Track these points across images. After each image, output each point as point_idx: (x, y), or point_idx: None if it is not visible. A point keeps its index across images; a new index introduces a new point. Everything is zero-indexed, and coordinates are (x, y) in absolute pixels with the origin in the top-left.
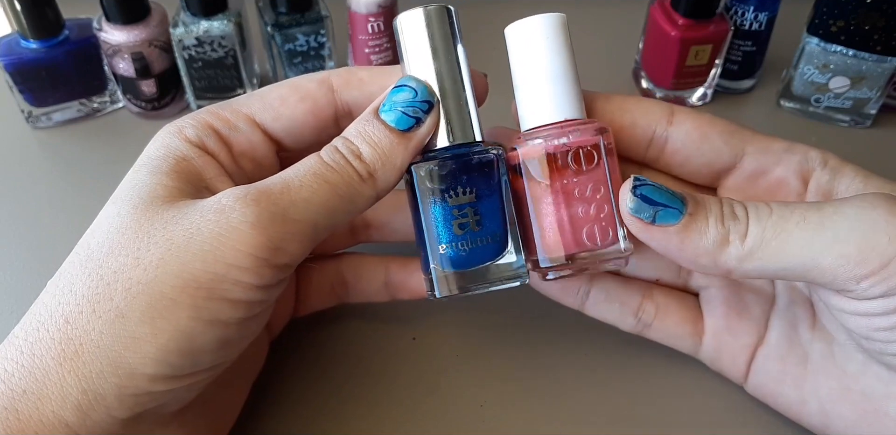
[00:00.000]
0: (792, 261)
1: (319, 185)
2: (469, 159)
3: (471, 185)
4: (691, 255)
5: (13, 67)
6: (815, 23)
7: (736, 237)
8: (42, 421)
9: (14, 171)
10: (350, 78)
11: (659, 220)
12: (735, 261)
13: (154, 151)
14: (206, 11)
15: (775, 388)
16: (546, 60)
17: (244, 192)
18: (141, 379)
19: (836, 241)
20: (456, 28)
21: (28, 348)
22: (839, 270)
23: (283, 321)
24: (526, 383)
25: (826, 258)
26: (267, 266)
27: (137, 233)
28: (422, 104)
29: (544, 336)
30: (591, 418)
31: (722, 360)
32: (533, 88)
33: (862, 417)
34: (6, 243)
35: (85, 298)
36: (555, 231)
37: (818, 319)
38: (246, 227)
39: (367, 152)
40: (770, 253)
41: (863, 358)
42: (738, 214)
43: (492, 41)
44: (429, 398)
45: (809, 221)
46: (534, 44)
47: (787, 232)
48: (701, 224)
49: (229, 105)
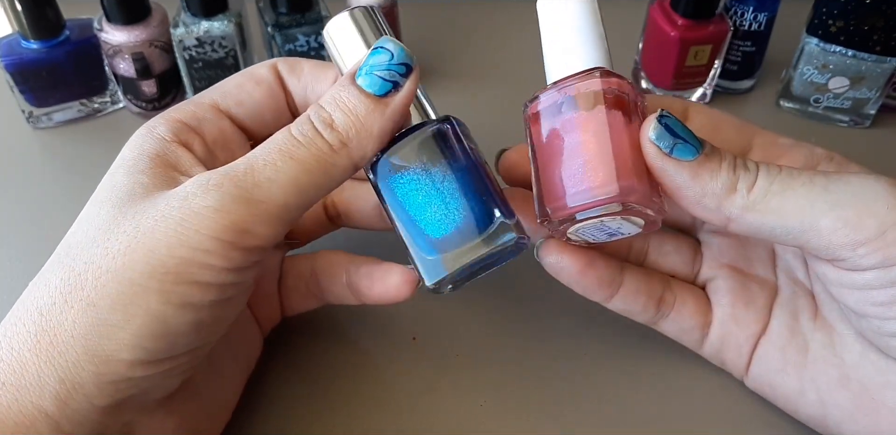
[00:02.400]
0: (791, 219)
1: (285, 162)
2: (423, 136)
3: (428, 161)
4: (698, 193)
5: (14, 68)
6: (815, 23)
7: (744, 186)
8: (21, 411)
9: (14, 171)
10: (294, 66)
11: (676, 152)
12: (738, 209)
13: (128, 153)
14: (207, 12)
15: (775, 378)
16: (581, 18)
17: (207, 177)
18: (118, 365)
19: (837, 205)
20: (382, 24)
21: (6, 343)
22: (835, 234)
23: (272, 322)
24: (526, 383)
25: (824, 220)
26: (234, 249)
27: (110, 225)
28: (399, 67)
29: (544, 336)
30: (591, 418)
31: (726, 350)
32: (566, 43)
33: (859, 407)
34: (6, 243)
35: (57, 289)
36: (609, 160)
37: (820, 309)
38: (208, 212)
39: (341, 120)
40: (772, 207)
41: (861, 348)
42: (750, 167)
43: (493, 41)
44: (429, 398)
45: (815, 183)
46: (568, 5)
47: (792, 189)
48: (714, 165)
49: (191, 99)
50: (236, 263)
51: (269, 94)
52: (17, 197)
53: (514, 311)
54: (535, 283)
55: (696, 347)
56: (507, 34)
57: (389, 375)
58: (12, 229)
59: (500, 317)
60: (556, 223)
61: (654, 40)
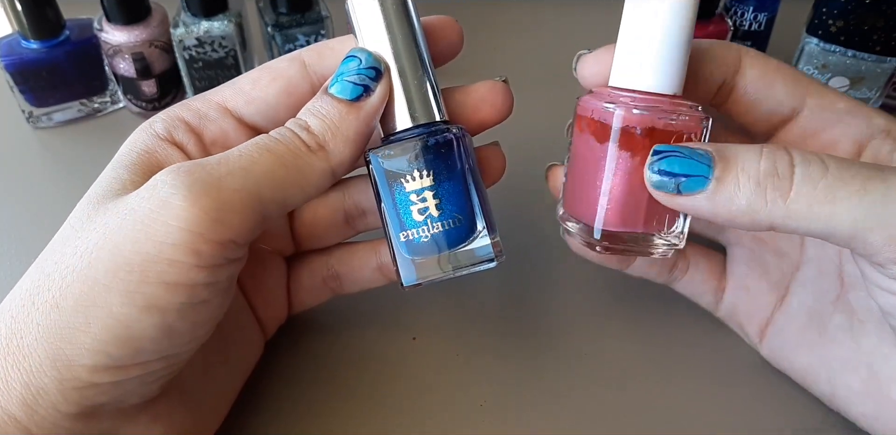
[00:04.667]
0: (840, 228)
1: (261, 154)
2: (425, 141)
3: (428, 169)
4: (726, 217)
5: (14, 67)
6: (815, 23)
7: (777, 195)
8: None
9: (14, 171)
10: (322, 50)
11: (684, 190)
12: (779, 219)
13: (122, 149)
14: (207, 12)
15: (790, 353)
16: (673, 25)
17: (178, 165)
18: (79, 371)
19: (891, 223)
20: (411, 9)
21: None
22: (884, 249)
23: (278, 321)
24: (526, 383)
25: (876, 236)
26: (204, 242)
27: (82, 223)
28: (368, 71)
29: (544, 336)
30: (592, 418)
31: (738, 318)
32: (649, 48)
33: (867, 392)
34: (6, 243)
35: (27, 291)
36: (625, 204)
37: (845, 292)
38: (177, 199)
39: (315, 124)
40: (819, 215)
41: (878, 338)
42: (781, 171)
43: (494, 41)
44: (429, 398)
45: (868, 192)
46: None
47: (842, 200)
48: (731, 186)
49: (202, 95)
50: (207, 259)
51: (285, 89)
52: (17, 197)
53: (514, 311)
54: (536, 283)
55: (711, 309)
56: (507, 34)
57: (389, 375)
58: (12, 229)
59: (500, 317)
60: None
61: None
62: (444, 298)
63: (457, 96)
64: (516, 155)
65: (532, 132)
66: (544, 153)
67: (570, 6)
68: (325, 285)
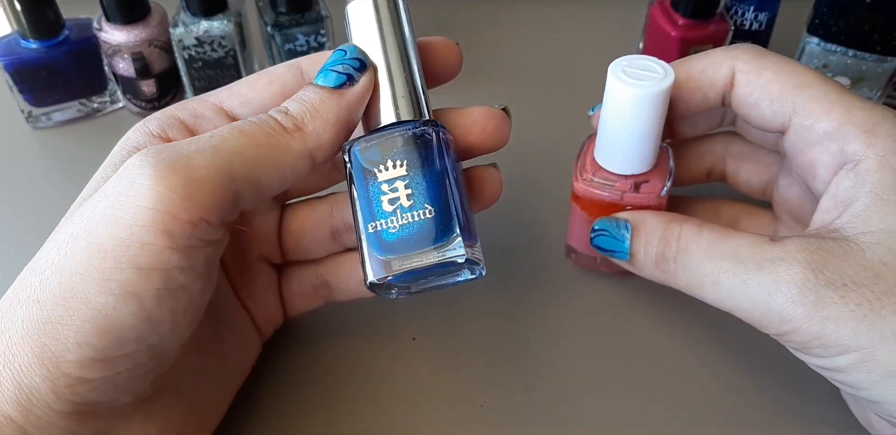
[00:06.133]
0: (744, 307)
1: (232, 134)
2: (403, 134)
3: (402, 159)
4: (652, 279)
5: (13, 67)
6: (815, 23)
7: (668, 274)
8: None
9: (14, 171)
10: (320, 58)
11: (616, 259)
12: (684, 289)
13: (116, 148)
14: (206, 11)
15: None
16: (642, 125)
17: (148, 148)
18: (67, 367)
19: (747, 304)
20: (402, 14)
21: None
22: (755, 323)
23: (274, 324)
24: (526, 383)
25: (741, 313)
26: (174, 221)
27: (65, 220)
28: (352, 61)
29: (545, 336)
30: (592, 418)
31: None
32: (622, 143)
33: None
34: (6, 243)
35: (14, 289)
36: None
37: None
38: (144, 179)
39: (295, 107)
40: (710, 295)
41: None
42: (668, 254)
43: (494, 41)
44: (429, 398)
45: (737, 275)
46: (640, 106)
47: (714, 284)
48: (641, 260)
49: (199, 97)
50: (179, 239)
51: (281, 92)
52: (16, 197)
53: (514, 311)
54: (536, 283)
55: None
56: (507, 34)
57: (389, 375)
58: (12, 229)
59: (500, 317)
60: None
61: (654, 40)
62: (444, 298)
63: (450, 117)
64: (516, 155)
65: (532, 132)
66: (544, 153)
67: (570, 6)
68: (315, 293)
